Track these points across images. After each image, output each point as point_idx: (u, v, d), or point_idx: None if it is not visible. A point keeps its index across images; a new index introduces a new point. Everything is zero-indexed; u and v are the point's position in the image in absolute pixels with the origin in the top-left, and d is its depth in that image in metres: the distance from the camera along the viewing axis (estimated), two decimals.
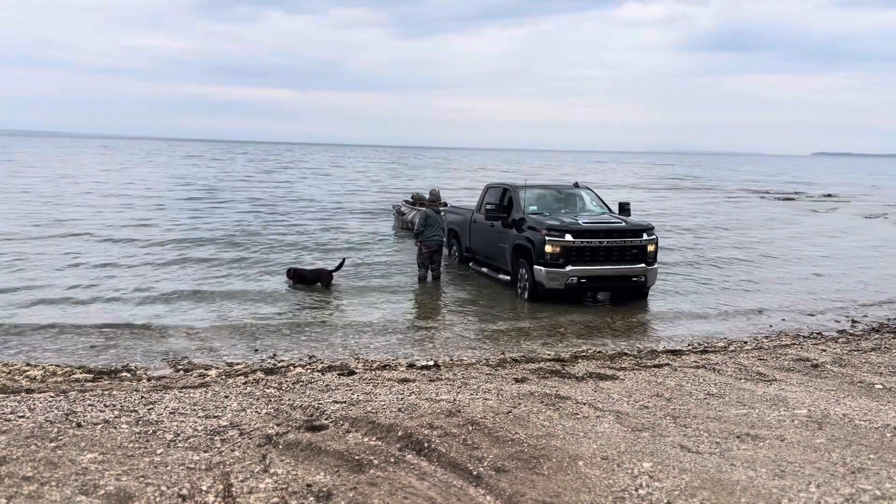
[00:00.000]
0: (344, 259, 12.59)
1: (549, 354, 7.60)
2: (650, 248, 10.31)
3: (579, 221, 10.28)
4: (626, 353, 7.59)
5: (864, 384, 6.18)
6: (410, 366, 7.02)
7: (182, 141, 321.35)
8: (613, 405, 5.30)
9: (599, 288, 10.57)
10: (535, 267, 10.13)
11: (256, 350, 7.77)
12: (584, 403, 5.30)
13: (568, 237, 9.92)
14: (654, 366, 6.85)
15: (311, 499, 3.55)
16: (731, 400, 5.54)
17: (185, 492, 3.58)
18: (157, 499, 3.49)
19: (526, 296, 10.52)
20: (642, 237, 10.23)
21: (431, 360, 7.33)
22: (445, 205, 19.21)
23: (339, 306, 10.14)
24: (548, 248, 9.95)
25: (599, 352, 7.75)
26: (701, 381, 6.19)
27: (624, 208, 11.56)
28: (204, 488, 3.63)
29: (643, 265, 10.25)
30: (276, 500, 3.53)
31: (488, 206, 11.61)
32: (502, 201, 11.96)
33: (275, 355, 7.54)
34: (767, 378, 6.34)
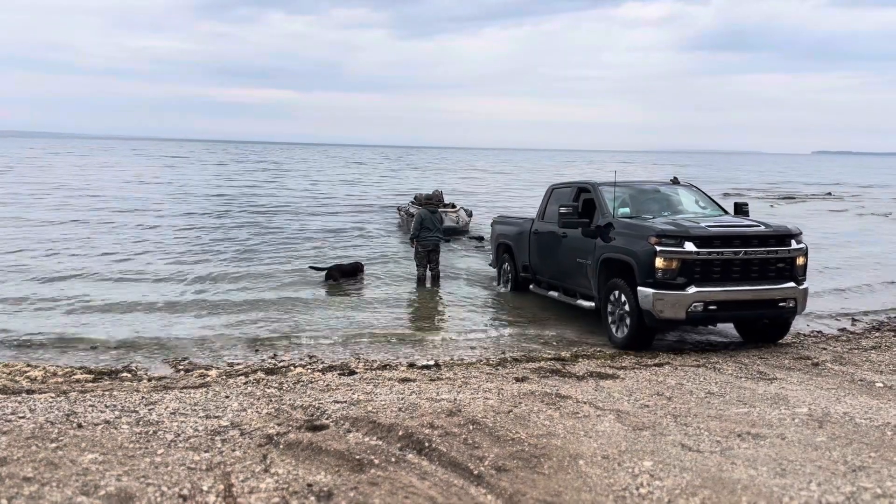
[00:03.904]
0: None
1: (549, 353, 7.59)
2: (800, 260, 7.63)
3: (701, 224, 7.61)
4: (626, 353, 7.58)
5: (865, 382, 6.17)
6: (411, 365, 7.02)
7: (183, 141, 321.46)
8: (614, 404, 5.30)
9: (734, 317, 7.86)
10: (641, 289, 7.37)
11: (257, 350, 7.78)
12: (585, 402, 5.30)
13: (689, 246, 7.21)
14: (655, 364, 6.85)
15: (312, 498, 3.55)
16: (731, 399, 5.54)
17: (185, 492, 3.58)
18: (158, 499, 3.49)
19: (623, 332, 7.78)
20: (790, 245, 7.54)
21: (432, 359, 7.33)
22: (453, 206, 19.18)
23: (339, 306, 10.14)
24: (659, 263, 7.22)
25: (600, 351, 7.74)
26: (701, 379, 6.19)
27: (741, 209, 9.03)
28: (205, 488, 3.63)
29: (792, 284, 7.53)
30: (276, 499, 3.53)
31: (564, 211, 8.70)
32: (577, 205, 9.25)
33: (275, 355, 7.55)
34: (768, 377, 6.34)
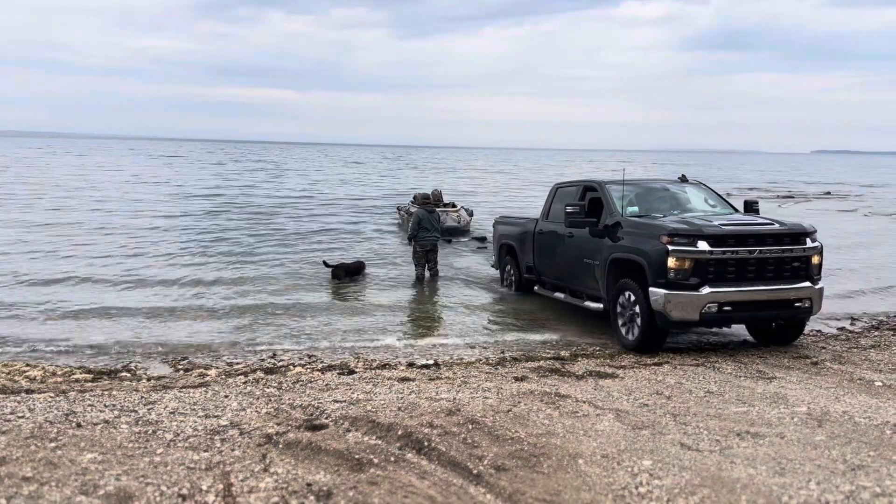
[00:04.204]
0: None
1: (548, 353, 7.60)
2: (815, 259, 7.45)
3: (714, 222, 7.41)
4: (625, 352, 7.58)
5: (864, 381, 6.18)
6: (410, 364, 7.02)
7: (183, 141, 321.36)
8: (613, 403, 5.30)
9: (748, 318, 7.66)
10: (652, 290, 7.16)
11: (256, 350, 7.77)
12: (584, 402, 5.30)
13: (702, 244, 7.01)
14: (654, 364, 6.85)
15: (312, 498, 3.55)
16: (730, 398, 5.54)
17: (185, 491, 3.57)
18: (157, 498, 3.49)
19: (633, 334, 7.56)
20: (805, 244, 7.36)
21: (431, 358, 7.33)
22: (453, 205, 19.13)
23: (338, 305, 10.14)
24: (672, 262, 7.02)
25: (599, 350, 7.74)
26: (701, 378, 6.19)
27: (751, 207, 8.90)
28: (204, 488, 3.63)
29: (807, 284, 7.36)
30: (276, 499, 3.53)
31: (570, 210, 8.42)
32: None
33: (274, 355, 7.54)
34: (767, 376, 6.34)
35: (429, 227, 11.87)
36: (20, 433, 4.34)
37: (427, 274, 12.04)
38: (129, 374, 6.68)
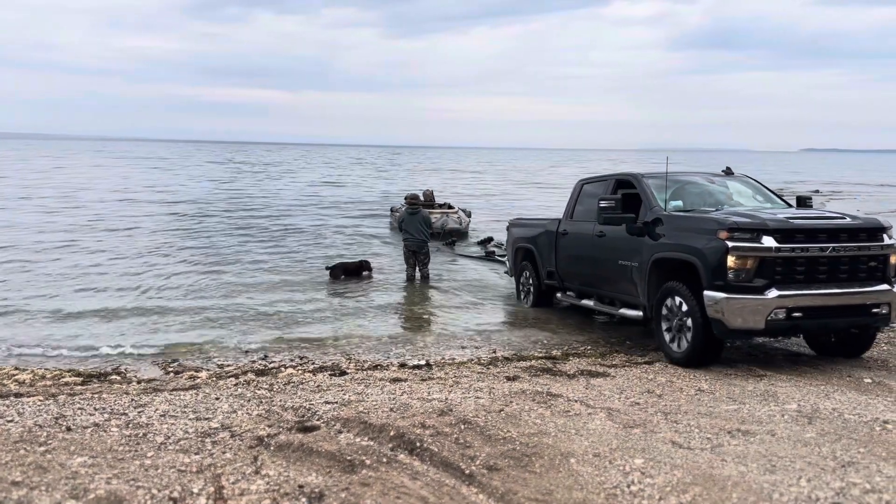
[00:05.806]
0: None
1: (540, 352, 7.60)
2: (893, 258, 6.59)
3: (777, 215, 6.54)
4: (617, 351, 7.60)
5: (853, 378, 6.22)
6: (402, 365, 7.01)
7: (172, 142, 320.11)
8: (605, 402, 5.31)
9: (820, 326, 6.62)
10: (708, 294, 6.25)
11: (247, 351, 7.74)
12: (576, 401, 5.31)
13: (768, 240, 6.13)
14: (645, 363, 6.87)
15: (304, 500, 3.54)
16: (721, 396, 5.57)
17: (176, 494, 3.56)
18: (148, 502, 3.47)
19: (682, 345, 6.66)
20: (882, 240, 6.49)
21: (423, 359, 7.32)
22: (450, 206, 19.06)
23: (329, 306, 10.12)
24: (732, 261, 6.12)
25: (590, 349, 7.76)
26: (691, 376, 6.21)
27: (804, 202, 8.03)
28: (195, 491, 3.61)
29: (884, 287, 6.47)
30: (267, 501, 3.52)
31: (604, 205, 7.50)
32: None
33: (266, 356, 7.51)
34: (757, 373, 6.37)
35: (410, 228, 11.83)
36: (9, 437, 4.31)
37: (418, 275, 12.03)
38: (119, 377, 6.64)
